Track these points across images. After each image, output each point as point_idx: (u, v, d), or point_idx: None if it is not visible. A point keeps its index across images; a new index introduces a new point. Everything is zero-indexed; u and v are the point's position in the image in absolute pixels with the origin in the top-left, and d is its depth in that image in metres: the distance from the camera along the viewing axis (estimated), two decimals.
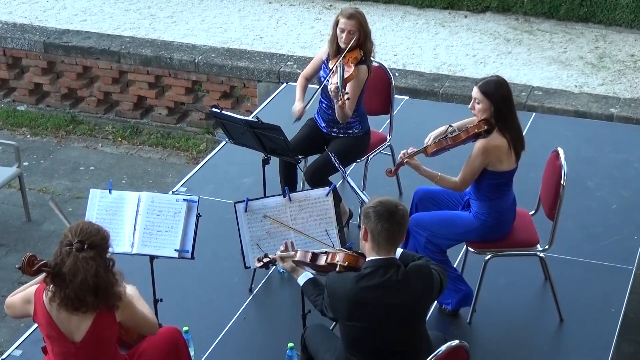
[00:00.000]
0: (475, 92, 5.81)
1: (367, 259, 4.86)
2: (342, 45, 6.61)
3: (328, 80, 6.58)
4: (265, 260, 5.36)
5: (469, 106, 5.90)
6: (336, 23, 6.64)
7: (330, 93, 6.45)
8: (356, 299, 4.77)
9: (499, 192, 5.89)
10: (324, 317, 5.06)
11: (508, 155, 5.81)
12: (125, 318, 4.92)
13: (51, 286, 4.76)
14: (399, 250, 5.00)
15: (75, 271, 4.67)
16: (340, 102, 6.36)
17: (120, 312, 4.86)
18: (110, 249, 4.82)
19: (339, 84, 6.37)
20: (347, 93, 6.39)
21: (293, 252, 5.22)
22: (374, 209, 4.79)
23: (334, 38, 6.66)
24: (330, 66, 6.63)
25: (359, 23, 6.57)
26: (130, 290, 5.04)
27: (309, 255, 5.14)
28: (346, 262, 4.92)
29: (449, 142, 5.91)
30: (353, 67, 6.52)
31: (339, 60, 6.51)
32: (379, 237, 4.78)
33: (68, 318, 4.79)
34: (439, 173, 5.93)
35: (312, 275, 5.17)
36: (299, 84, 6.99)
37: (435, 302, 6.02)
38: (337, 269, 4.90)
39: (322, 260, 5.08)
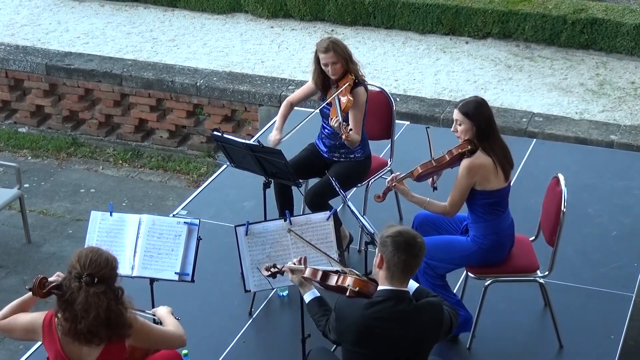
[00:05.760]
0: (456, 114, 5.87)
1: (379, 288, 4.82)
2: (332, 77, 6.64)
3: (328, 111, 6.60)
4: (273, 270, 5.29)
5: (452, 129, 5.94)
6: (317, 59, 6.65)
7: (334, 128, 6.46)
8: (364, 327, 4.74)
9: (493, 212, 5.89)
10: (325, 338, 5.04)
11: (495, 173, 5.82)
12: (139, 342, 4.89)
13: (61, 318, 4.69)
14: (415, 284, 4.97)
15: (87, 307, 4.60)
16: (345, 135, 6.38)
17: (133, 338, 4.81)
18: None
19: (340, 118, 6.40)
20: (348, 125, 6.42)
21: (303, 267, 5.17)
22: (392, 238, 4.74)
23: (321, 74, 6.67)
24: (328, 99, 6.65)
25: (337, 53, 6.56)
26: (161, 310, 5.14)
27: (320, 273, 5.08)
28: (357, 288, 4.87)
29: (435, 164, 5.95)
30: (347, 96, 6.54)
31: (336, 93, 6.53)
32: (394, 267, 4.74)
33: (79, 347, 4.74)
34: (428, 198, 5.95)
35: (318, 294, 5.13)
36: (281, 111, 6.94)
37: None
38: (347, 293, 4.87)
39: (332, 281, 5.03)
